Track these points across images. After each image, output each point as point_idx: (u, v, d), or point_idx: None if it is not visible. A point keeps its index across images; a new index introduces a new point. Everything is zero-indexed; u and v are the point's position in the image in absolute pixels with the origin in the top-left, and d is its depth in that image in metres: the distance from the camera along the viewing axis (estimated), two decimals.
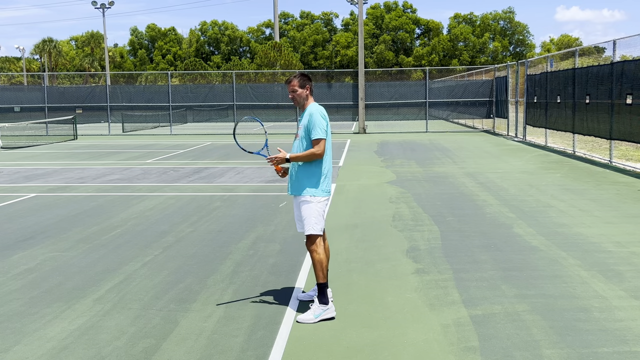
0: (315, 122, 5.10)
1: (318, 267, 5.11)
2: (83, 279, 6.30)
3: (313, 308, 5.06)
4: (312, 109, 5.21)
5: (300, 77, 5.28)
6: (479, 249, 7.20)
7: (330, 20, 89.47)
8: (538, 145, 21.22)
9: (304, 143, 5.19)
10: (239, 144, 5.76)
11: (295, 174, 5.24)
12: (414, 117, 31.67)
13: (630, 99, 13.64)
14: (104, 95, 33.38)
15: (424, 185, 12.27)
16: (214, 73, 65.20)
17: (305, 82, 5.27)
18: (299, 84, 5.25)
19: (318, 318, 5.01)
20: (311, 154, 5.11)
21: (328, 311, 5.06)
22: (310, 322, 4.97)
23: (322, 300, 5.07)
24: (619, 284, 5.84)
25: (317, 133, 5.10)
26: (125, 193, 11.90)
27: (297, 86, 5.25)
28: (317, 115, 5.13)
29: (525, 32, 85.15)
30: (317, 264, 5.11)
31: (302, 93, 5.26)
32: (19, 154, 20.93)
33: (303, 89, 5.26)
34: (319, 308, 5.04)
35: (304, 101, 5.29)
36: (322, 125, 5.13)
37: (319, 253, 5.11)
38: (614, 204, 9.95)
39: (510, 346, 4.47)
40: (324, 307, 5.05)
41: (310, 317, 5.00)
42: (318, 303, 5.06)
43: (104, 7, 55.90)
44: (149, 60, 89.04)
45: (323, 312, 5.03)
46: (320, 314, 5.02)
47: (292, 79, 5.27)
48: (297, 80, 5.26)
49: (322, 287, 5.10)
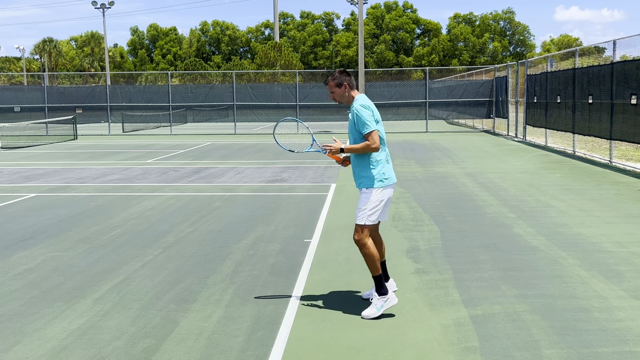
0: (361, 117, 5.01)
1: (369, 261, 5.03)
2: (83, 279, 6.30)
3: (374, 302, 5.02)
4: (354, 103, 5.12)
5: (337, 75, 5.17)
6: (479, 249, 7.20)
7: (332, 21, 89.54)
8: (538, 145, 21.22)
9: (355, 139, 5.12)
10: (282, 145, 5.58)
11: (353, 168, 5.24)
12: (414, 117, 31.67)
13: (635, 99, 13.63)
14: (104, 95, 33.37)
15: (424, 185, 12.27)
16: (214, 73, 65.21)
17: (342, 79, 5.15)
18: (336, 83, 5.16)
19: (380, 310, 4.98)
20: (366, 146, 5.03)
21: (389, 300, 5.03)
22: (373, 316, 4.95)
23: (380, 291, 5.03)
24: (619, 284, 5.84)
25: (366, 127, 5.00)
26: (125, 193, 11.90)
27: (334, 86, 5.17)
28: (360, 109, 5.03)
29: (526, 33, 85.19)
30: (367, 258, 5.04)
31: (341, 92, 5.17)
32: (19, 154, 20.93)
33: (340, 88, 5.16)
34: (379, 300, 5.01)
35: (347, 98, 5.19)
36: (368, 117, 5.01)
37: (368, 247, 5.02)
38: (614, 204, 9.95)
39: (510, 346, 4.47)
40: (384, 297, 5.01)
41: (373, 311, 4.98)
42: (378, 296, 5.03)
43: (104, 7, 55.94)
44: (149, 60, 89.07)
45: (385, 302, 5.00)
46: (382, 305, 4.99)
47: (328, 80, 5.19)
48: (333, 80, 5.16)
49: (378, 279, 5.05)
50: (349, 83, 5.15)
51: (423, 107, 31.37)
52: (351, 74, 5.24)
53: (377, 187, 5.09)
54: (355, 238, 5.07)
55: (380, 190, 5.09)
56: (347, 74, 5.18)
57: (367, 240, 5.04)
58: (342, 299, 5.58)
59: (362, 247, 5.04)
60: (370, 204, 5.06)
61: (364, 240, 5.03)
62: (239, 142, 25.62)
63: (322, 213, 9.55)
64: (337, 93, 5.17)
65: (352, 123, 5.11)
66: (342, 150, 5.12)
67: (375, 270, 5.05)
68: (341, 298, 5.60)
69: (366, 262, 5.08)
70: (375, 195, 5.07)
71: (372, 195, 5.07)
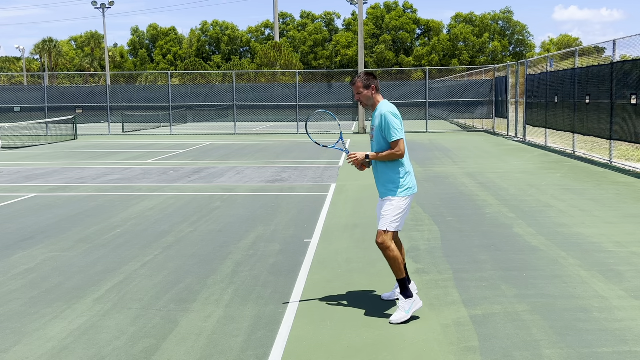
0: (390, 124, 4.97)
1: (394, 264, 5.00)
2: (83, 279, 6.30)
3: (401, 305, 4.99)
4: (382, 108, 5.07)
5: (365, 77, 5.12)
6: (479, 249, 7.20)
7: (332, 20, 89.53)
8: (538, 145, 21.22)
9: (380, 144, 5.07)
10: (313, 139, 5.59)
11: (377, 177, 5.17)
12: (414, 117, 31.67)
13: (635, 99, 13.64)
14: (104, 95, 33.38)
15: (424, 185, 12.27)
16: (214, 73, 65.17)
17: (370, 81, 5.10)
18: (363, 84, 5.08)
19: (409, 313, 4.96)
20: (391, 154, 5.00)
21: (415, 303, 5.01)
22: (403, 319, 4.91)
23: (406, 294, 5.01)
24: (619, 284, 5.84)
25: (394, 134, 4.97)
26: (125, 193, 11.90)
27: (362, 87, 5.09)
28: (390, 116, 4.98)
29: (525, 32, 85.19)
30: (392, 261, 5.00)
31: (368, 94, 5.11)
32: (19, 154, 20.93)
33: (368, 90, 5.11)
34: (406, 303, 4.98)
35: (372, 101, 5.14)
36: (397, 125, 4.99)
37: (392, 250, 4.99)
38: (614, 204, 9.95)
39: (510, 346, 4.47)
40: (410, 300, 4.99)
41: (403, 315, 4.94)
42: (404, 298, 5.00)
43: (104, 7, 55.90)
44: (149, 60, 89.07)
45: (412, 305, 4.98)
46: (410, 307, 4.97)
47: (356, 80, 5.11)
48: (360, 81, 5.09)
49: (402, 282, 5.03)
50: (376, 86, 5.12)
51: (423, 107, 31.38)
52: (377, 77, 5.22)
53: (402, 196, 5.07)
54: (378, 241, 5.02)
55: (404, 199, 5.09)
56: (374, 76, 5.15)
57: (390, 243, 5.00)
58: (342, 299, 5.58)
59: (386, 249, 4.99)
60: (394, 211, 5.04)
61: (388, 243, 4.99)
62: (239, 142, 25.63)
63: (322, 213, 9.56)
64: (363, 95, 5.10)
65: (378, 128, 5.05)
66: (367, 157, 5.07)
67: (400, 273, 5.02)
68: (341, 298, 5.60)
69: (390, 265, 5.04)
70: (399, 202, 5.07)
71: (397, 203, 5.06)
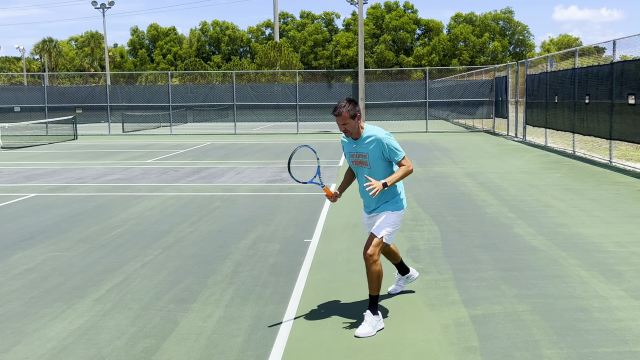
0: (391, 146, 4.87)
1: (377, 279, 4.87)
2: (83, 279, 6.30)
3: (368, 320, 4.84)
4: (374, 133, 4.90)
5: (350, 106, 4.84)
6: (479, 249, 7.20)
7: (332, 20, 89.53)
8: (538, 145, 21.22)
9: (378, 168, 4.94)
10: (294, 177, 5.36)
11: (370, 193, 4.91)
12: (414, 117, 31.68)
13: (633, 99, 13.64)
14: (104, 95, 33.38)
15: (424, 185, 12.27)
16: (214, 73, 65.20)
17: (356, 110, 4.87)
18: (350, 114, 4.84)
19: (375, 330, 4.83)
20: (405, 172, 4.91)
21: (380, 322, 4.91)
22: (370, 334, 4.75)
23: (374, 311, 4.90)
24: (619, 284, 5.84)
25: (399, 153, 4.90)
26: (125, 193, 11.90)
27: (349, 117, 4.84)
28: (388, 139, 4.88)
29: (525, 32, 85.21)
30: (375, 276, 4.86)
31: (354, 123, 4.88)
32: (19, 154, 20.93)
33: (354, 119, 4.87)
34: (374, 319, 4.86)
35: (357, 129, 4.94)
36: (397, 144, 4.92)
37: (378, 264, 4.87)
38: (614, 204, 9.95)
39: (510, 346, 4.47)
40: (378, 317, 4.89)
41: (370, 330, 4.78)
42: (372, 314, 4.87)
43: (104, 7, 55.94)
44: (149, 60, 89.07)
45: (377, 322, 4.87)
46: (376, 324, 4.85)
47: (341, 111, 4.83)
48: (347, 111, 4.82)
49: (375, 299, 4.93)
50: (359, 112, 4.95)
51: (423, 107, 31.38)
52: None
53: (400, 210, 5.06)
54: (368, 253, 4.88)
55: (402, 213, 5.09)
56: (356, 102, 5.00)
57: (379, 257, 4.93)
58: (342, 299, 5.58)
59: (374, 263, 4.86)
60: (393, 225, 5.01)
61: (377, 257, 4.90)
62: (239, 142, 25.62)
63: (322, 213, 9.56)
64: (350, 125, 4.87)
65: (378, 153, 4.91)
66: (385, 185, 4.84)
67: (377, 289, 4.92)
68: (341, 298, 5.60)
69: (371, 278, 4.88)
70: (398, 217, 5.05)
71: (396, 217, 5.03)
